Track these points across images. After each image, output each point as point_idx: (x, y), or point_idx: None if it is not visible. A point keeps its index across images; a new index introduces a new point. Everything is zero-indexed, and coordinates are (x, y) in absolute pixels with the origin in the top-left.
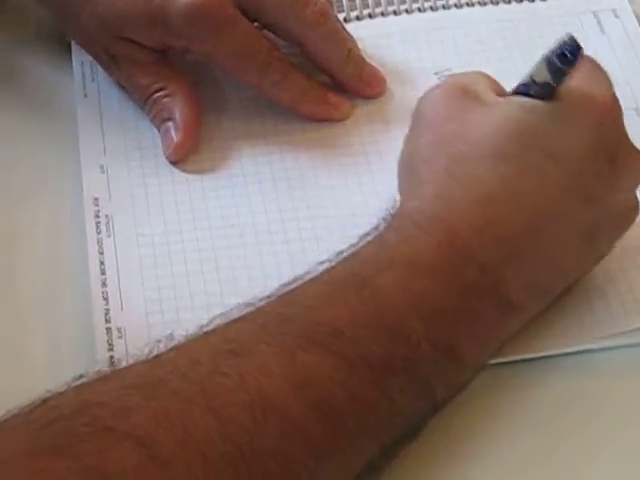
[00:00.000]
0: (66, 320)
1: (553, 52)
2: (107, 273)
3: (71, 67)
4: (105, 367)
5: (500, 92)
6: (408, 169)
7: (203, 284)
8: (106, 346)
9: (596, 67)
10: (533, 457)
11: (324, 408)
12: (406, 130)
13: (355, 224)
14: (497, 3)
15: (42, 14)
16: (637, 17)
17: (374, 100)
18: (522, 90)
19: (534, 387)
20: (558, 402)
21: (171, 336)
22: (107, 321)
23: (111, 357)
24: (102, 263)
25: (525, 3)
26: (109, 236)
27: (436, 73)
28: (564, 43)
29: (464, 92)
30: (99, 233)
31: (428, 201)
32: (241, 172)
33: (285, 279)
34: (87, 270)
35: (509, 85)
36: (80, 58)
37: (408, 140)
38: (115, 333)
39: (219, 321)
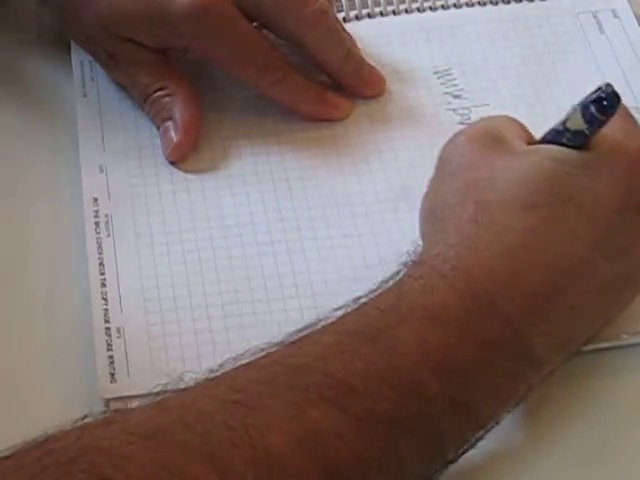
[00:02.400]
0: (65, 320)
1: (590, 100)
2: (106, 273)
3: (71, 67)
4: (104, 367)
5: (528, 139)
6: (432, 215)
7: (202, 284)
8: (105, 346)
9: (627, 115)
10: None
11: (331, 467)
12: (405, 129)
13: (354, 224)
14: (496, 3)
15: (42, 14)
16: (637, 17)
17: (373, 100)
18: (553, 137)
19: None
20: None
21: (179, 378)
22: (106, 321)
23: (110, 357)
24: (101, 263)
25: (524, 3)
26: (108, 236)
27: (435, 73)
28: (602, 91)
29: (492, 138)
30: (98, 233)
31: (453, 250)
32: (240, 172)
33: (284, 279)
34: (86, 270)
35: (509, 87)
36: (80, 58)
37: (432, 185)
38: (114, 333)
39: (229, 366)
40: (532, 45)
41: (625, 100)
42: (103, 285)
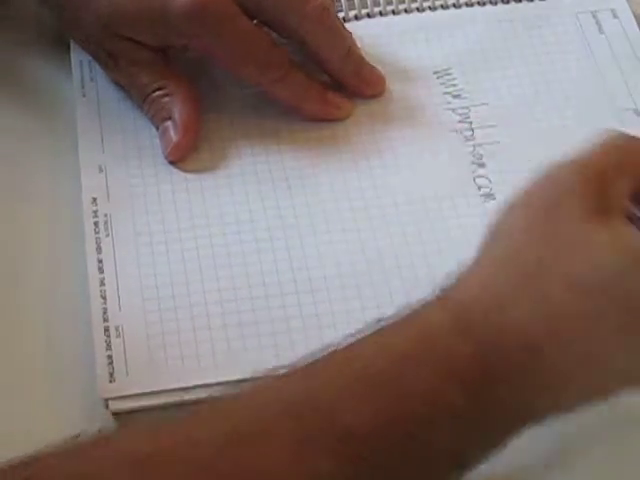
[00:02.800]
0: (64, 319)
1: None
2: (105, 272)
3: (70, 67)
4: (103, 366)
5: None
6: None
7: (201, 283)
8: (104, 345)
9: None
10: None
11: None
12: (405, 129)
13: (354, 223)
14: (496, 3)
15: (42, 14)
16: (636, 17)
17: (373, 100)
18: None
19: None
20: None
21: (181, 403)
22: (105, 320)
23: (109, 356)
24: (100, 262)
25: (524, 3)
26: (107, 236)
27: (435, 73)
28: None
29: (547, 214)
30: (97, 233)
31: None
32: (240, 172)
33: (283, 277)
34: (85, 269)
35: (509, 87)
36: (79, 58)
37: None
38: (113, 332)
39: (230, 391)
40: (532, 45)
41: (624, 101)
42: (102, 284)
